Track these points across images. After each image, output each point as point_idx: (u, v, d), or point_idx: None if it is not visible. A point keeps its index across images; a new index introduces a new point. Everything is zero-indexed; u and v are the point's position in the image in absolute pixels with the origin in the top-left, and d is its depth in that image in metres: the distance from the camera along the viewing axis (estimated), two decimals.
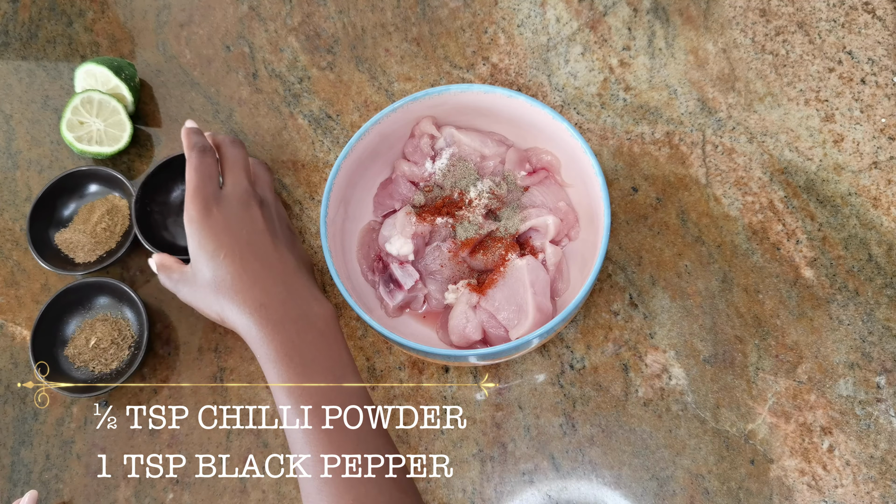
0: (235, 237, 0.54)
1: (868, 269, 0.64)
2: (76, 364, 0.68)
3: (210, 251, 0.53)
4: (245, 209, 0.56)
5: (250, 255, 0.54)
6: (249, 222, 0.55)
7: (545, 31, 0.76)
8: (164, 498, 0.65)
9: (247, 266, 0.53)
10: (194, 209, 0.54)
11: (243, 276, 0.53)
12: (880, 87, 0.69)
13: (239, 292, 0.52)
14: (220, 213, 0.55)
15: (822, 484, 0.59)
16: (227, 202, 0.55)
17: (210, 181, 0.56)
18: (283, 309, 0.52)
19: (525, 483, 0.62)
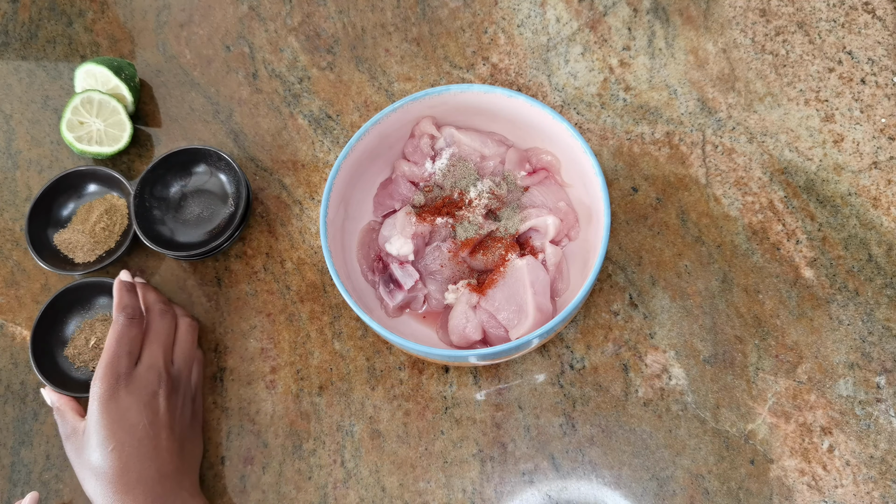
0: (131, 431, 0.53)
1: (868, 269, 0.64)
2: (76, 364, 0.68)
3: (102, 438, 0.53)
4: (151, 398, 0.55)
5: (138, 455, 0.53)
6: (150, 413, 0.55)
7: (545, 31, 0.76)
8: None
9: (132, 466, 0.53)
10: (101, 387, 0.54)
11: (124, 477, 0.52)
12: (880, 87, 0.69)
13: (117, 492, 0.52)
14: (125, 397, 0.54)
15: (822, 484, 0.59)
16: (134, 386, 0.55)
17: (126, 357, 0.55)
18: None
19: (525, 483, 0.62)
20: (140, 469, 0.53)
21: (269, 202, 0.74)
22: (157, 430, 0.54)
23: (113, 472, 0.52)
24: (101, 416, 0.53)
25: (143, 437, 0.54)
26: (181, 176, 0.73)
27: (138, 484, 0.52)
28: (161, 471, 0.54)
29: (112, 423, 0.53)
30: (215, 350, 0.69)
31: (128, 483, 0.52)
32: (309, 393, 0.67)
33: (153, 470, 0.53)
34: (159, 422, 0.55)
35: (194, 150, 0.72)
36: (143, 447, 0.53)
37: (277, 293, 0.70)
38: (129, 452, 0.53)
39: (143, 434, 0.54)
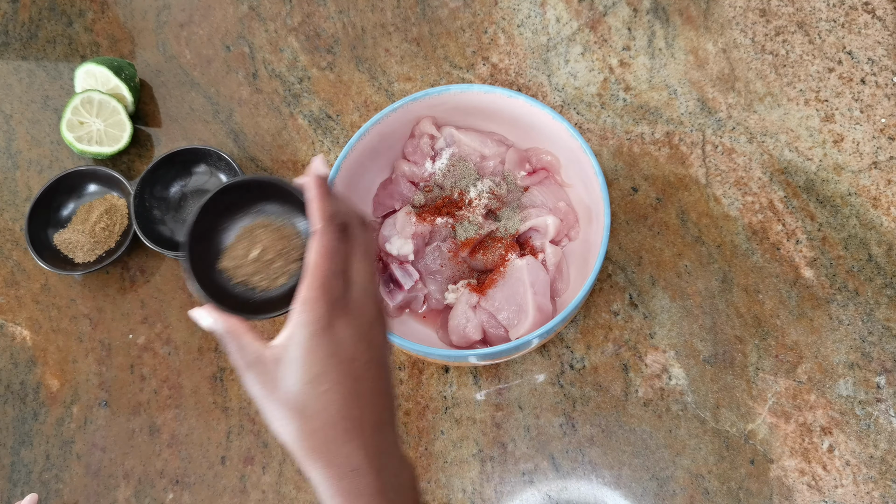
0: (347, 369, 0.42)
1: (868, 269, 0.64)
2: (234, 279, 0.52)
3: (313, 373, 0.42)
4: (369, 328, 0.43)
5: (356, 395, 0.42)
6: (367, 347, 0.43)
7: (545, 31, 0.76)
8: (164, 498, 0.65)
9: (349, 410, 0.42)
10: (319, 310, 0.41)
11: (341, 424, 0.42)
12: (880, 87, 0.69)
13: (331, 441, 0.41)
14: (342, 328, 0.42)
15: (822, 484, 0.59)
16: (353, 314, 0.43)
17: (340, 276, 0.43)
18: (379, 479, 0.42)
19: (525, 483, 0.62)
20: (358, 415, 0.42)
21: None
22: (375, 368, 0.44)
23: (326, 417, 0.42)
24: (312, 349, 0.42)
25: (362, 377, 0.43)
26: (181, 176, 0.73)
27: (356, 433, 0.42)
28: (380, 419, 0.43)
29: (326, 358, 0.42)
30: (215, 350, 0.69)
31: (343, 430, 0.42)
32: None
33: (373, 417, 0.43)
34: (376, 359, 0.44)
35: (194, 150, 0.72)
36: (364, 389, 0.43)
37: None
38: (348, 394, 0.42)
39: (361, 372, 0.43)
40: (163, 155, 0.72)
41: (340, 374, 0.42)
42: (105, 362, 0.70)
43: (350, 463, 0.42)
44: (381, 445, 0.43)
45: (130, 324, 0.71)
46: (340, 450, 0.42)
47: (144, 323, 0.71)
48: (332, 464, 0.41)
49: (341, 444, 0.42)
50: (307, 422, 0.42)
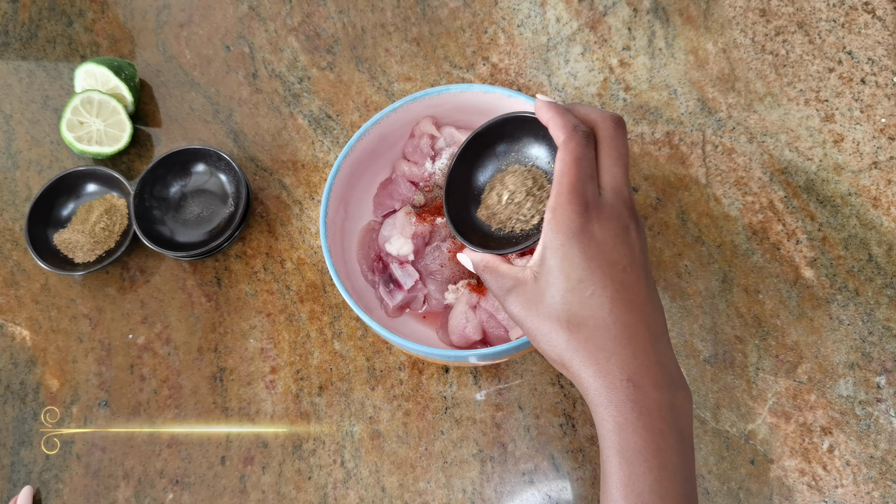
0: (610, 270, 0.40)
1: (868, 269, 0.64)
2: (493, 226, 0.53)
3: (575, 279, 0.40)
4: (625, 231, 0.41)
5: (623, 300, 0.40)
6: (628, 251, 0.41)
7: (545, 31, 0.76)
8: (164, 498, 0.65)
9: (618, 315, 0.40)
10: (571, 213, 0.40)
11: (611, 329, 0.39)
12: (880, 87, 0.69)
13: (601, 349, 0.39)
14: (599, 230, 0.40)
15: (822, 484, 0.59)
16: (608, 216, 0.41)
17: (591, 181, 0.41)
18: (655, 391, 0.39)
19: (525, 483, 0.62)
20: (629, 321, 0.40)
21: (269, 202, 0.74)
22: (636, 272, 0.41)
23: (595, 322, 0.39)
24: (570, 254, 0.40)
25: (628, 283, 0.40)
26: (181, 176, 0.73)
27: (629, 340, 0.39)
28: (652, 328, 0.40)
29: (587, 261, 0.40)
30: (215, 350, 0.69)
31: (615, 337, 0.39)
32: (309, 393, 0.67)
33: (643, 325, 0.40)
34: (639, 263, 0.41)
35: (194, 150, 0.72)
36: (631, 295, 0.40)
37: (277, 293, 0.70)
38: (616, 298, 0.40)
39: (625, 277, 0.40)
40: (162, 155, 0.72)
41: (604, 278, 0.40)
42: (105, 362, 0.70)
43: (624, 372, 0.39)
44: (657, 357, 0.40)
45: (130, 324, 0.71)
46: (613, 357, 0.39)
47: (144, 323, 0.71)
48: (605, 372, 0.39)
49: (613, 352, 0.39)
50: (576, 330, 0.40)
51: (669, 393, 0.40)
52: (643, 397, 0.39)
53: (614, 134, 0.43)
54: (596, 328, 0.40)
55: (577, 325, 0.40)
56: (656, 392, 0.39)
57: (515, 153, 0.52)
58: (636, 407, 0.38)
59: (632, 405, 0.38)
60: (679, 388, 0.40)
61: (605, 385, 0.39)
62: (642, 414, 0.38)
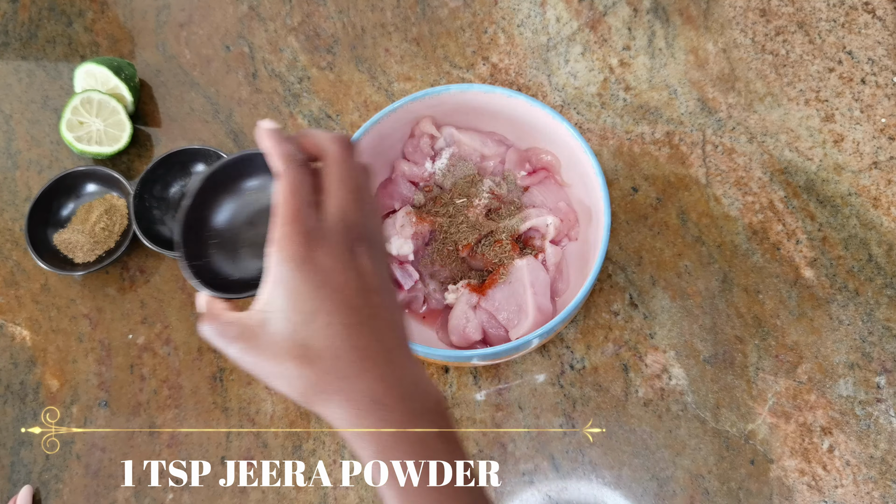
0: (340, 298, 0.39)
1: (868, 269, 0.64)
2: None
3: (306, 311, 0.39)
4: (352, 256, 0.40)
5: (357, 324, 0.39)
6: (356, 275, 0.40)
7: (545, 31, 0.76)
8: (164, 498, 0.65)
9: (354, 341, 0.39)
10: (292, 245, 0.39)
11: (349, 356, 0.39)
12: (880, 87, 0.69)
13: (343, 378, 0.38)
14: (323, 255, 0.39)
15: (822, 484, 0.59)
16: (330, 243, 0.40)
17: (310, 209, 0.40)
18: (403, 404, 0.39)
19: (525, 483, 0.62)
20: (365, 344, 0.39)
21: None
22: (368, 294, 0.40)
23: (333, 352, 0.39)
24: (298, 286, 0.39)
25: (360, 306, 0.40)
26: (181, 176, 0.73)
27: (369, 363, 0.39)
28: (390, 347, 0.40)
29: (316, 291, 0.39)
30: (215, 350, 0.69)
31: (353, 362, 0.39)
32: None
33: (381, 345, 0.40)
34: (368, 284, 0.41)
35: (194, 150, 0.72)
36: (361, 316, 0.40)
37: None
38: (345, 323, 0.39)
39: (355, 301, 0.40)
40: (162, 155, 0.72)
41: (334, 305, 0.39)
42: (105, 362, 0.70)
43: (370, 395, 0.38)
44: (399, 373, 0.40)
45: (130, 324, 0.71)
46: (356, 384, 0.38)
47: (144, 323, 0.71)
48: (351, 400, 0.38)
49: (356, 378, 0.39)
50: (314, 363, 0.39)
51: (420, 403, 0.40)
52: (394, 415, 0.39)
53: (341, 157, 0.42)
54: (333, 358, 0.39)
55: (315, 358, 0.39)
56: (405, 405, 0.39)
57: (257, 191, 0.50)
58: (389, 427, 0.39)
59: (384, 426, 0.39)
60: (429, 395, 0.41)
61: (353, 413, 0.38)
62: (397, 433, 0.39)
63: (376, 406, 0.38)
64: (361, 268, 0.40)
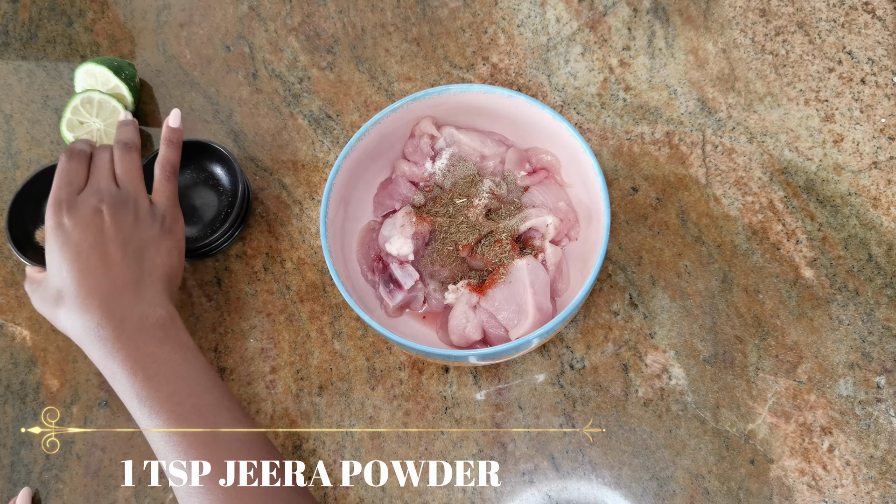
0: (75, 251, 0.54)
1: (868, 269, 0.64)
2: None
3: (55, 267, 0.55)
4: (94, 215, 0.56)
5: (85, 270, 0.54)
6: (94, 231, 0.55)
7: (545, 31, 0.76)
8: (164, 498, 0.65)
9: (82, 281, 0.54)
10: (49, 217, 0.56)
11: (80, 294, 0.53)
12: (880, 87, 0.69)
13: (76, 311, 0.53)
14: (69, 221, 0.55)
15: (822, 484, 0.59)
16: (76, 210, 0.56)
17: (67, 188, 0.57)
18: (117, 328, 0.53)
19: (525, 483, 0.62)
20: (92, 284, 0.54)
21: (269, 202, 0.74)
22: (103, 245, 0.55)
23: (70, 293, 0.53)
24: (51, 244, 0.55)
25: (90, 254, 0.54)
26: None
27: (91, 298, 0.53)
28: (115, 284, 0.54)
29: (60, 248, 0.54)
30: (215, 350, 0.69)
31: (83, 299, 0.53)
32: (309, 393, 0.67)
33: (106, 283, 0.54)
34: (105, 237, 0.55)
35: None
36: (91, 262, 0.54)
37: (277, 293, 0.70)
38: (79, 269, 0.54)
39: (89, 251, 0.54)
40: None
41: (72, 255, 0.54)
42: None
43: (94, 321, 0.53)
44: (122, 304, 0.54)
45: None
46: (85, 316, 0.53)
47: None
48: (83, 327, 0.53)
49: (85, 311, 0.53)
50: (62, 303, 0.54)
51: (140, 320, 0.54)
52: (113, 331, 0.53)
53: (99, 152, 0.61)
54: (70, 298, 0.53)
55: (62, 298, 0.54)
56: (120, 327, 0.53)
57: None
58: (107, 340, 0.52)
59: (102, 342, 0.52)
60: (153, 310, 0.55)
61: (85, 338, 0.53)
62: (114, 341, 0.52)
63: (96, 328, 0.53)
64: (101, 225, 0.55)
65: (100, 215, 0.56)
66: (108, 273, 0.54)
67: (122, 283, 0.55)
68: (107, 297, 0.53)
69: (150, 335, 0.54)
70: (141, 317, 0.54)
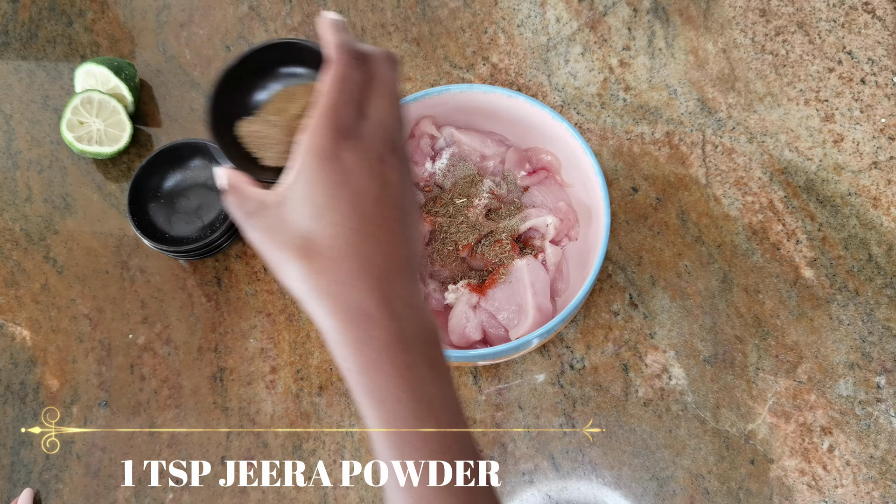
0: (356, 201, 0.38)
1: (868, 269, 0.64)
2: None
3: (319, 206, 0.38)
4: (379, 163, 0.39)
5: (365, 232, 0.38)
6: (379, 184, 0.39)
7: (545, 31, 0.76)
8: (164, 498, 0.65)
9: (357, 247, 0.38)
10: (320, 138, 0.38)
11: (349, 261, 0.37)
12: (880, 87, 0.69)
13: (336, 282, 0.37)
14: (351, 156, 0.38)
15: (822, 484, 0.59)
16: (362, 145, 0.39)
17: (351, 106, 0.39)
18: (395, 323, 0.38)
19: (525, 483, 0.62)
20: (368, 253, 0.38)
21: None
22: (386, 206, 0.39)
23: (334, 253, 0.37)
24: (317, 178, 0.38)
25: (375, 215, 0.39)
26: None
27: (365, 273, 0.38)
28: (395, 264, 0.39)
29: (333, 189, 0.38)
30: (215, 350, 0.69)
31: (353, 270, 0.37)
32: (309, 393, 0.67)
33: (386, 261, 0.38)
34: (389, 197, 0.39)
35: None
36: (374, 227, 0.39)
37: (277, 293, 0.70)
38: (354, 228, 0.38)
39: (372, 209, 0.39)
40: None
41: (348, 207, 0.38)
42: (105, 362, 0.70)
43: (361, 307, 0.37)
44: (398, 292, 0.38)
45: (130, 324, 0.71)
46: (350, 292, 0.37)
47: (144, 323, 0.71)
48: (341, 307, 0.37)
49: (351, 285, 0.37)
50: (313, 259, 0.38)
51: (412, 324, 0.38)
52: (382, 331, 0.37)
53: (387, 68, 0.41)
54: (332, 259, 0.37)
55: (314, 254, 0.38)
56: (396, 324, 0.37)
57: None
58: (375, 343, 0.37)
59: (370, 341, 0.37)
60: (422, 317, 0.39)
61: (341, 322, 0.37)
62: (385, 348, 0.37)
63: (366, 319, 0.37)
64: (386, 178, 0.39)
65: (386, 165, 0.40)
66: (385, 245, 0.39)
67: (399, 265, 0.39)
68: (383, 277, 0.38)
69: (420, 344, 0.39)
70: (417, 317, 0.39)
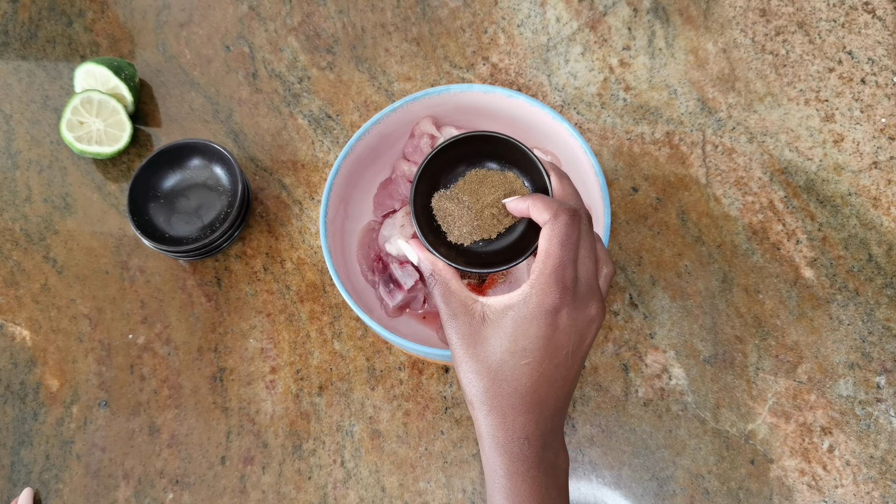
0: (553, 354, 0.44)
1: (868, 269, 0.64)
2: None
3: (520, 347, 0.43)
4: (586, 325, 0.45)
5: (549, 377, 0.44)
6: (578, 340, 0.44)
7: (545, 31, 0.76)
8: (164, 498, 0.65)
9: (538, 388, 0.44)
10: (550, 296, 0.43)
11: (526, 397, 0.44)
12: (880, 87, 0.69)
13: (511, 408, 0.43)
14: (566, 317, 0.43)
15: (822, 484, 0.59)
16: (578, 307, 0.44)
17: (571, 266, 0.43)
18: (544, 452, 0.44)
19: None
20: (545, 395, 0.44)
21: (269, 202, 0.74)
22: (575, 360, 0.45)
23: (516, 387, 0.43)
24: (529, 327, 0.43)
25: (562, 365, 0.44)
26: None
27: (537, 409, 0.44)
28: (560, 404, 0.45)
29: (539, 339, 0.43)
30: (215, 350, 0.69)
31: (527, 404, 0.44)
32: (309, 393, 0.67)
33: (555, 401, 0.45)
34: (581, 352, 0.45)
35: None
36: (558, 374, 0.44)
37: (277, 293, 0.70)
38: (544, 374, 0.44)
39: (563, 361, 0.44)
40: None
41: (545, 357, 0.43)
42: (105, 362, 0.70)
43: (523, 431, 0.44)
44: (552, 426, 0.45)
45: (130, 324, 0.71)
46: (518, 418, 0.43)
47: (144, 323, 0.71)
48: (506, 426, 0.43)
49: (520, 414, 0.43)
50: (497, 385, 0.43)
51: (555, 455, 0.45)
52: (534, 454, 0.44)
53: (588, 224, 0.45)
54: (514, 391, 0.43)
55: (502, 381, 0.43)
56: (545, 452, 0.44)
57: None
58: (527, 461, 0.43)
59: (524, 458, 0.43)
60: (563, 451, 0.46)
61: (504, 437, 0.44)
62: (531, 467, 0.43)
63: (524, 441, 0.44)
64: (585, 335, 0.45)
65: (591, 326, 0.45)
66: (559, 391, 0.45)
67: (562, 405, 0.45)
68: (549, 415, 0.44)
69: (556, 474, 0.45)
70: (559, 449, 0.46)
